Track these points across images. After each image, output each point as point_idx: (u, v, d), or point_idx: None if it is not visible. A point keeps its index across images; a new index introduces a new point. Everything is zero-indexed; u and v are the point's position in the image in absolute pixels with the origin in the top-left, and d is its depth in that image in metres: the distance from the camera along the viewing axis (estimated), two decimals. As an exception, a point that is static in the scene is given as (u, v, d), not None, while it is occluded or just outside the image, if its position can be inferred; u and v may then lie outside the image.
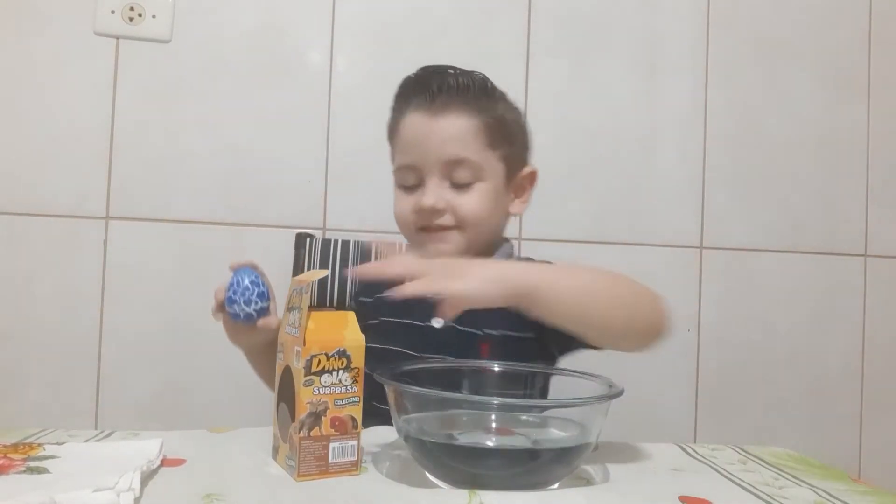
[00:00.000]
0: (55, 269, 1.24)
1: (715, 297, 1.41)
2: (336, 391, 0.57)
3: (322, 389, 0.56)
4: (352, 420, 0.58)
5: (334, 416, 0.57)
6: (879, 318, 1.48)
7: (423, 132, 0.85)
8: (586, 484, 0.59)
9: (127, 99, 1.26)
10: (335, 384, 0.57)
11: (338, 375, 0.57)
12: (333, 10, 1.31)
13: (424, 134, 0.85)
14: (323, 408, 0.57)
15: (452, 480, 0.55)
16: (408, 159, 0.87)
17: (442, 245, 0.86)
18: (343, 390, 0.57)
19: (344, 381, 0.57)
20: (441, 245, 0.86)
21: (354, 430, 0.58)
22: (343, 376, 0.57)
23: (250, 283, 0.75)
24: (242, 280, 0.75)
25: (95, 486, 0.47)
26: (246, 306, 0.74)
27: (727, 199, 1.42)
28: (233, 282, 0.75)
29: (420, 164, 0.86)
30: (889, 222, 1.48)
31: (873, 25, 1.48)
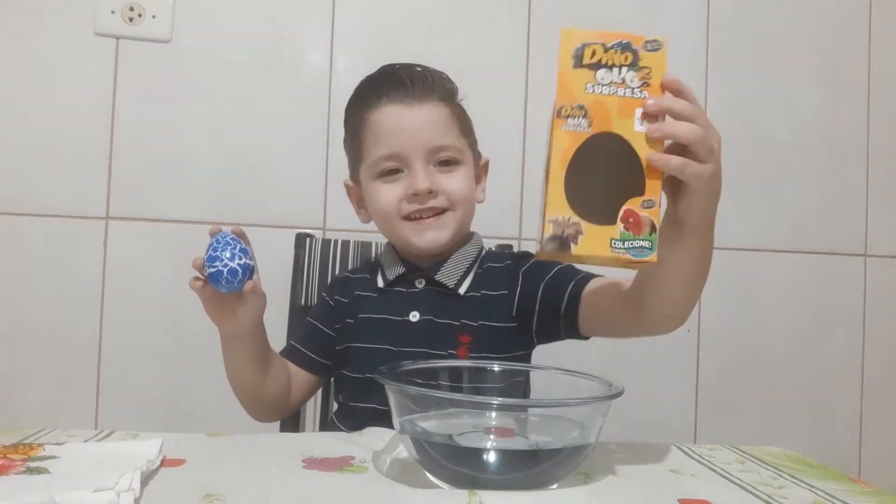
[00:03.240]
0: (55, 269, 1.24)
1: (715, 297, 1.41)
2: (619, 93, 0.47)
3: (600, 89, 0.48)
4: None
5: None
6: (879, 318, 1.48)
7: (405, 120, 0.87)
8: (586, 484, 0.59)
9: (127, 99, 1.26)
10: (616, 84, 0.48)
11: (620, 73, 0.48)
12: (333, 10, 1.31)
13: (407, 122, 0.87)
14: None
15: (452, 480, 0.55)
16: (390, 148, 0.87)
17: (435, 232, 0.87)
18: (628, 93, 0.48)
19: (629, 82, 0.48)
20: (434, 232, 0.87)
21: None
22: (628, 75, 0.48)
23: (232, 240, 0.70)
24: (223, 238, 0.71)
25: (95, 486, 0.47)
26: (230, 261, 0.69)
27: (727, 199, 1.41)
28: (213, 241, 0.71)
29: (405, 152, 0.86)
30: (889, 222, 1.48)
31: (873, 25, 1.48)
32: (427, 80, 0.90)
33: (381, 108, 0.89)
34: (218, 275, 0.69)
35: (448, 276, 0.90)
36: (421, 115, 0.88)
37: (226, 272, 0.69)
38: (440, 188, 0.87)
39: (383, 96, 0.89)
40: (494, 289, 0.90)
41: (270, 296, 1.27)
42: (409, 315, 0.89)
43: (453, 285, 0.89)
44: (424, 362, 0.73)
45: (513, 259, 0.94)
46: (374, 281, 0.94)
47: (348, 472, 0.58)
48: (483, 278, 0.91)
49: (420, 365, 0.70)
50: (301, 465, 0.59)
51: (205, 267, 0.71)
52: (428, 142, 0.87)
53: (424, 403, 0.59)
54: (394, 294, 0.91)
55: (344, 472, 0.58)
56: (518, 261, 0.93)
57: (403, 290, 0.91)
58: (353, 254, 1.20)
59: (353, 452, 0.63)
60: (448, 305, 0.89)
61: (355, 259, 1.19)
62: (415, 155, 0.86)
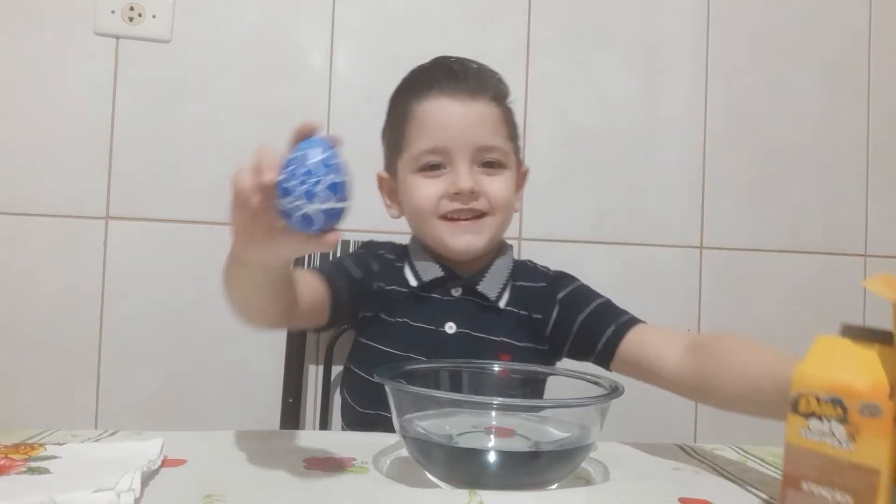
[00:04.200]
0: (55, 269, 1.24)
1: (715, 297, 1.41)
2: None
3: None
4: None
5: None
6: (879, 318, 1.47)
7: (454, 115, 0.83)
8: (586, 484, 0.59)
9: (127, 99, 1.26)
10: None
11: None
12: (333, 10, 1.31)
13: (456, 117, 0.83)
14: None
15: (452, 480, 0.55)
16: (436, 142, 0.83)
17: (472, 236, 0.83)
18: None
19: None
20: (471, 236, 0.83)
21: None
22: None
23: (323, 165, 0.49)
24: (312, 156, 0.50)
25: (96, 486, 0.47)
26: (310, 201, 0.48)
27: (727, 199, 1.42)
28: (296, 157, 0.50)
29: (450, 148, 0.83)
30: (889, 222, 1.48)
31: (873, 25, 1.48)
32: (481, 77, 0.87)
33: (430, 100, 0.84)
34: (290, 215, 0.49)
35: (490, 288, 0.86)
36: (471, 112, 0.83)
37: (302, 216, 0.49)
38: (483, 190, 0.83)
39: (434, 87, 0.85)
40: (531, 309, 0.86)
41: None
42: (444, 325, 0.84)
43: (494, 297, 0.85)
44: (426, 362, 0.73)
45: (548, 281, 0.90)
46: (402, 275, 0.88)
47: (349, 472, 0.58)
48: (520, 294, 0.87)
49: (420, 365, 0.70)
50: (302, 466, 0.59)
51: (280, 188, 0.49)
52: (476, 140, 0.83)
53: (424, 403, 0.59)
54: (429, 300, 0.86)
55: (345, 473, 0.58)
56: (554, 284, 0.89)
57: (438, 297, 0.86)
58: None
59: (355, 453, 0.63)
60: (486, 319, 0.85)
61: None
62: (460, 152, 0.82)
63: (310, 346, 1.24)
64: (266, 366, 1.24)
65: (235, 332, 1.26)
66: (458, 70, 0.86)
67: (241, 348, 1.26)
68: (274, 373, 1.21)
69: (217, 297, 1.30)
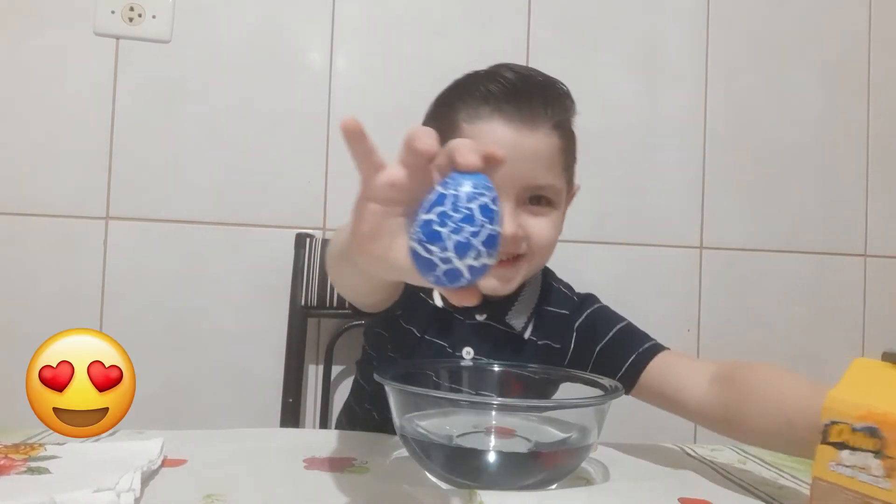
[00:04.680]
0: (55, 269, 1.24)
1: (715, 297, 1.41)
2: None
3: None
4: None
5: None
6: (879, 318, 1.48)
7: (506, 146, 0.69)
8: (586, 484, 0.59)
9: (127, 99, 1.26)
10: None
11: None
12: (333, 10, 1.31)
13: (507, 148, 0.69)
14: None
15: (452, 481, 0.55)
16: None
17: (502, 283, 0.75)
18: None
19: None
20: (500, 282, 0.75)
21: None
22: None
23: (483, 211, 0.41)
24: (469, 197, 0.41)
25: (96, 486, 0.47)
26: (462, 255, 0.40)
27: (727, 199, 1.42)
28: (449, 195, 0.41)
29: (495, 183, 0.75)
30: (889, 222, 1.48)
31: (873, 25, 1.48)
32: (546, 98, 0.76)
33: (481, 121, 0.74)
34: (438, 263, 0.40)
35: (517, 318, 0.80)
36: (526, 144, 0.73)
37: (459, 268, 0.40)
38: (525, 232, 0.74)
39: (489, 105, 0.74)
40: (552, 338, 0.82)
41: (271, 296, 1.28)
42: (462, 350, 0.79)
43: (520, 329, 0.80)
44: (428, 362, 0.73)
45: (571, 307, 0.85)
46: (429, 293, 0.81)
47: (349, 472, 0.58)
48: (543, 322, 0.82)
49: (424, 366, 0.70)
50: (302, 466, 0.59)
51: (424, 228, 0.40)
52: (525, 177, 0.73)
53: (424, 403, 0.59)
54: (451, 321, 0.80)
55: (345, 473, 0.58)
56: (576, 311, 0.84)
57: (461, 319, 0.80)
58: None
59: (355, 453, 0.63)
60: (507, 348, 0.80)
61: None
62: (506, 189, 0.72)
63: (310, 346, 1.24)
64: (266, 366, 1.24)
65: (235, 332, 1.26)
66: (520, 88, 0.75)
67: (241, 348, 1.26)
68: (274, 373, 1.21)
69: (217, 297, 1.31)
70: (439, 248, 0.40)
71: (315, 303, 1.18)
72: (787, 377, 0.65)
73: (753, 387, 0.66)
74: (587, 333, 0.81)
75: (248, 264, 1.27)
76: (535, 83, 0.77)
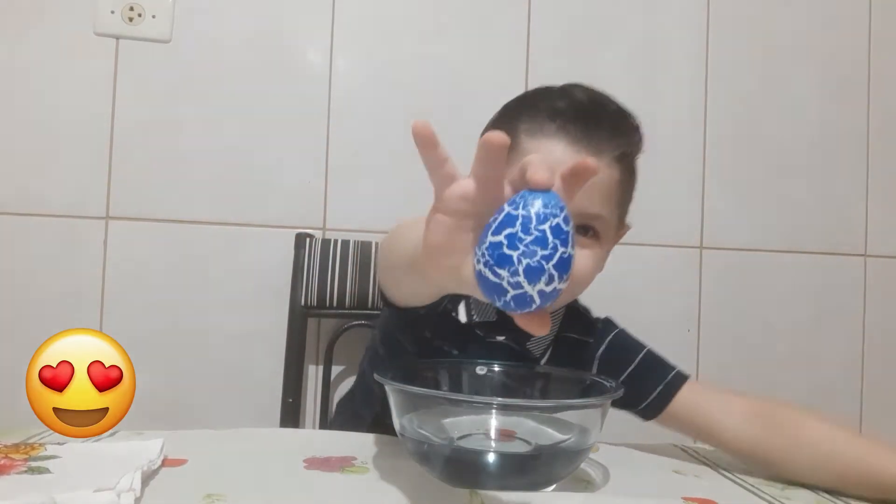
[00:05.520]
0: (55, 269, 1.23)
1: (715, 297, 1.41)
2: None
3: None
4: None
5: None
6: (879, 318, 1.48)
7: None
8: (586, 485, 0.59)
9: (127, 99, 1.26)
10: None
11: None
12: (333, 10, 1.31)
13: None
14: None
15: (453, 481, 0.55)
16: None
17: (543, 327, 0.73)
18: None
19: None
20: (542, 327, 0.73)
21: None
22: None
23: (554, 233, 0.38)
24: (541, 218, 0.38)
25: (96, 486, 0.47)
26: (533, 280, 0.38)
27: (727, 199, 1.42)
28: (519, 215, 0.38)
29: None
30: (889, 222, 1.48)
31: (873, 25, 1.48)
32: (616, 127, 0.73)
33: (544, 137, 0.70)
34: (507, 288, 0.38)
35: (538, 346, 0.78)
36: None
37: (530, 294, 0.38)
38: None
39: (555, 122, 0.70)
40: (570, 366, 0.78)
41: (271, 296, 1.28)
42: (475, 368, 0.75)
43: (538, 355, 0.78)
44: (431, 362, 0.73)
45: (592, 333, 0.82)
46: (456, 302, 0.79)
47: (350, 472, 0.58)
48: (563, 349, 0.80)
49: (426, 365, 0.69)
50: (302, 466, 0.59)
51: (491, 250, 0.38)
52: (579, 204, 0.66)
53: (425, 404, 0.59)
54: (470, 334, 0.78)
55: (345, 473, 0.58)
56: (598, 339, 0.81)
57: (481, 335, 0.77)
58: (352, 254, 1.20)
59: (355, 453, 0.63)
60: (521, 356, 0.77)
61: (355, 259, 1.19)
62: None
63: (310, 346, 1.24)
64: (266, 366, 1.24)
65: (235, 332, 1.26)
66: (590, 111, 0.72)
67: (241, 348, 1.26)
68: (274, 373, 1.21)
69: (217, 297, 1.31)
70: (509, 272, 0.38)
71: (315, 303, 1.18)
72: (841, 434, 0.67)
73: (803, 437, 0.67)
74: (609, 363, 0.79)
75: (248, 264, 1.27)
76: (606, 109, 0.74)
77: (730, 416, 0.71)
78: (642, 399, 0.76)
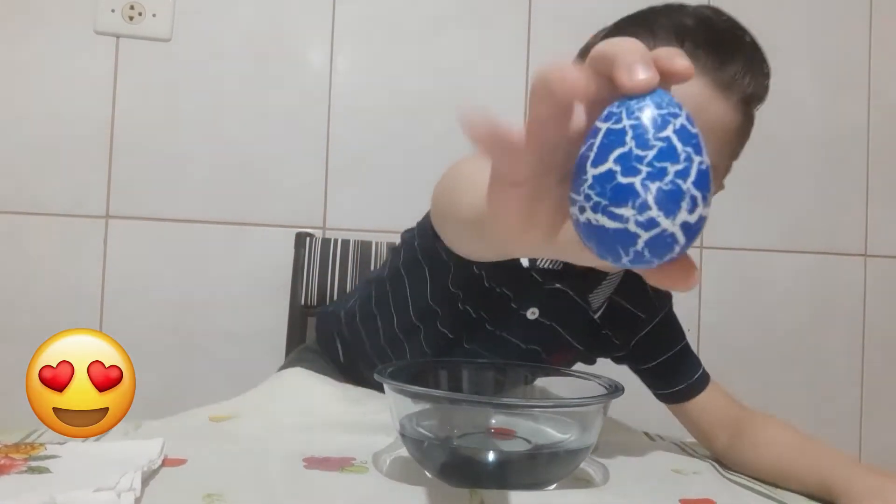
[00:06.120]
0: (55, 269, 1.23)
1: (715, 297, 1.41)
2: None
3: None
4: None
5: None
6: (879, 318, 1.48)
7: (686, 104, 0.49)
8: (586, 484, 0.59)
9: (127, 99, 1.26)
10: None
11: None
12: (333, 10, 1.31)
13: (693, 110, 0.39)
14: None
15: (452, 481, 0.55)
16: None
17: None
18: None
19: None
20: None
21: None
22: None
23: (680, 138, 0.28)
24: (657, 125, 0.28)
25: (96, 485, 0.47)
26: (670, 211, 0.28)
27: (727, 199, 1.42)
28: (622, 127, 0.28)
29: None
30: (889, 222, 1.48)
31: (873, 25, 1.48)
32: (750, 65, 0.62)
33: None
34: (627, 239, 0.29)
35: (597, 300, 0.75)
36: (714, 112, 0.59)
37: (670, 231, 0.28)
38: None
39: (684, 45, 0.59)
40: (615, 332, 0.77)
41: (271, 295, 1.28)
42: (527, 309, 0.73)
43: (595, 309, 0.75)
44: (426, 362, 0.73)
45: (646, 311, 0.77)
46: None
47: (349, 471, 0.58)
48: (614, 313, 0.77)
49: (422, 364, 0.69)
50: (302, 465, 0.59)
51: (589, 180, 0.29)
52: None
53: (424, 403, 0.59)
54: (526, 278, 0.72)
55: (345, 472, 0.58)
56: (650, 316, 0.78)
57: (539, 280, 0.72)
58: (353, 253, 1.20)
59: (355, 453, 0.63)
60: (577, 321, 0.75)
61: (355, 259, 1.19)
62: None
63: (310, 345, 1.24)
64: (266, 365, 1.24)
65: (235, 332, 1.26)
66: (727, 39, 0.62)
67: (241, 348, 1.26)
68: (274, 373, 1.21)
69: (217, 297, 1.31)
70: (634, 207, 0.28)
71: (315, 302, 1.18)
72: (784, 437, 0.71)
73: (759, 444, 0.70)
74: (649, 344, 0.78)
75: (248, 263, 1.27)
76: (743, 40, 0.64)
77: (721, 433, 0.74)
78: (666, 386, 0.78)
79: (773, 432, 0.72)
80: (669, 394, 0.78)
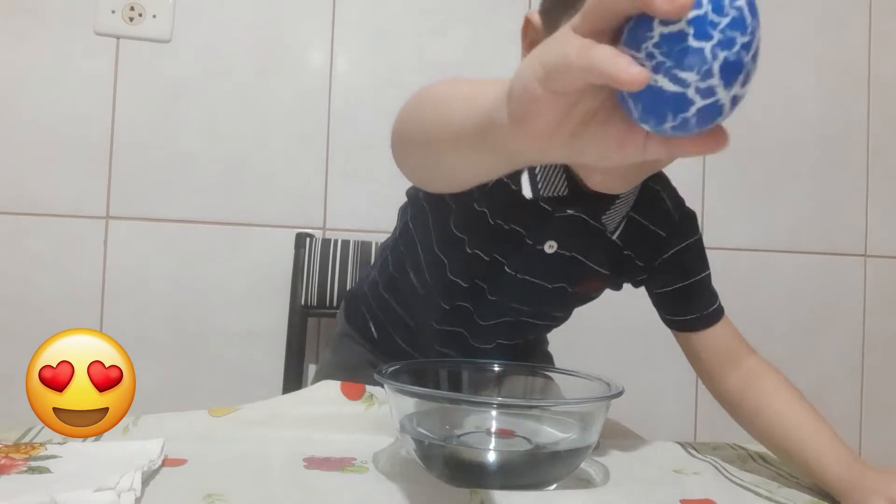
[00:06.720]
0: (55, 269, 1.24)
1: (715, 297, 1.41)
2: None
3: None
4: None
5: None
6: (879, 318, 1.48)
7: None
8: (586, 484, 0.59)
9: (127, 99, 1.26)
10: None
11: None
12: (333, 10, 1.31)
13: None
14: None
15: (452, 481, 0.55)
16: None
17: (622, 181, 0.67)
18: None
19: None
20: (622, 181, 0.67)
21: None
22: None
23: (750, 9, 0.28)
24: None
25: (96, 485, 0.47)
26: (730, 80, 0.29)
27: (727, 199, 1.42)
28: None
29: None
30: (889, 222, 1.48)
31: (873, 25, 1.48)
32: None
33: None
34: (682, 104, 0.29)
35: (612, 220, 0.72)
36: None
37: (723, 101, 0.30)
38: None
39: None
40: (636, 253, 0.75)
41: (271, 295, 1.28)
42: (545, 244, 0.72)
43: (612, 230, 0.73)
44: (427, 361, 0.73)
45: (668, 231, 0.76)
46: (517, 175, 0.70)
47: (350, 471, 0.58)
48: (634, 232, 0.74)
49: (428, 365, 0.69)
50: (302, 465, 0.59)
51: (653, 48, 0.28)
52: None
53: (425, 403, 0.59)
54: (535, 211, 0.70)
55: (345, 472, 0.58)
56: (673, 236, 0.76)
57: (549, 210, 0.70)
58: (352, 254, 1.20)
59: (355, 453, 0.63)
60: (595, 244, 0.73)
61: (355, 259, 1.19)
62: None
63: (310, 345, 1.24)
64: (266, 365, 1.24)
65: (235, 332, 1.26)
66: None
67: (241, 347, 1.26)
68: (274, 372, 1.21)
69: (217, 297, 1.31)
70: (698, 74, 0.27)
71: (315, 302, 1.18)
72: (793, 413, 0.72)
73: (766, 415, 0.72)
74: (671, 268, 0.76)
75: (248, 264, 1.27)
76: None
77: (727, 373, 0.76)
78: (678, 314, 0.77)
79: (780, 406, 0.73)
80: (679, 321, 0.77)
